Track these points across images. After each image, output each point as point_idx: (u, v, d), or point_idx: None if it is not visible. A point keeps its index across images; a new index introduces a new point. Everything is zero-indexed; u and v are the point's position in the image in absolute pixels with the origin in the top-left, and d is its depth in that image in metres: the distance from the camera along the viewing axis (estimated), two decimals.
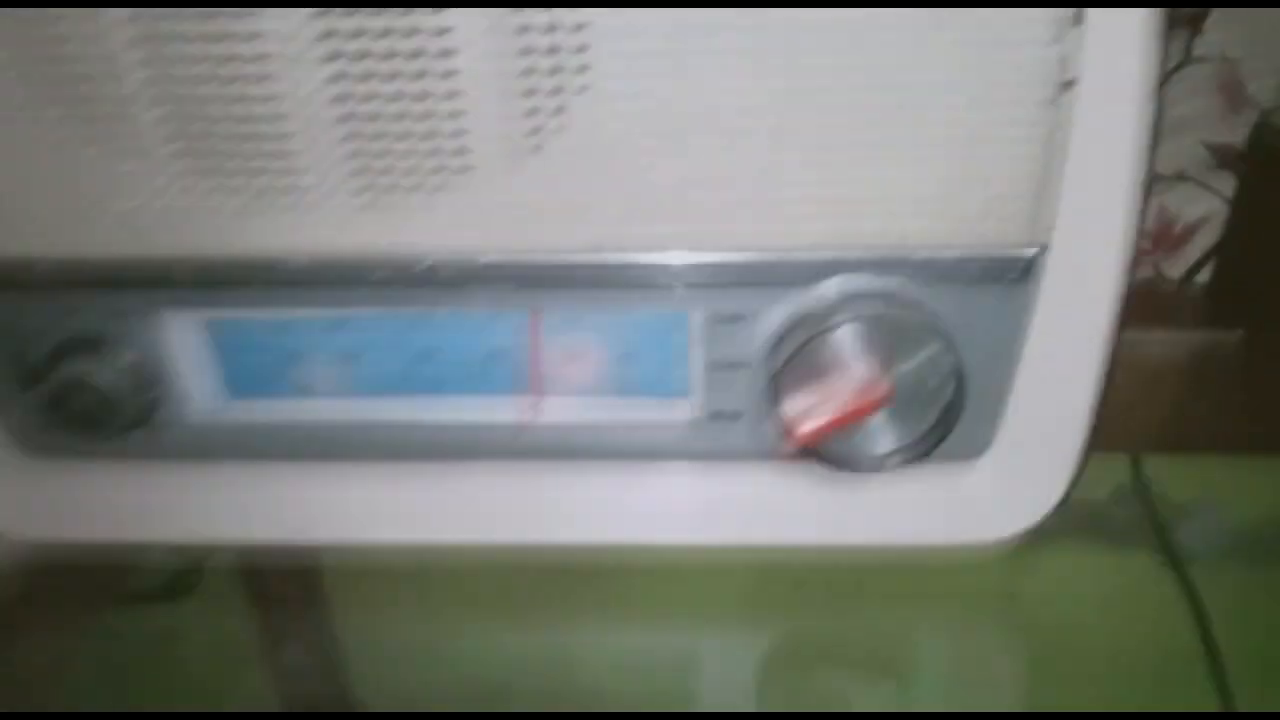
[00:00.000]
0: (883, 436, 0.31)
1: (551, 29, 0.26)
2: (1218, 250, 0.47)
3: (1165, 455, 0.40)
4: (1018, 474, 0.32)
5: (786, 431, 0.30)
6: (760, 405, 0.31)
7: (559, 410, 0.33)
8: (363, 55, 0.26)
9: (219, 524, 0.34)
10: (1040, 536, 0.34)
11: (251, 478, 0.34)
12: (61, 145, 0.28)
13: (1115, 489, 0.39)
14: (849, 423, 0.30)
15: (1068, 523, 0.34)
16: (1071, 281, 0.29)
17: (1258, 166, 0.43)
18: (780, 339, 0.30)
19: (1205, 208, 0.46)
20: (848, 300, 0.29)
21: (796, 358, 0.30)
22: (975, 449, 0.32)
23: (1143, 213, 0.29)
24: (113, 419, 0.31)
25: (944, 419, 0.30)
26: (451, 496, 0.34)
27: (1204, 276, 0.47)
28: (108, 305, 0.31)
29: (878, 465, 0.31)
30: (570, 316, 0.31)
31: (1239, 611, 0.34)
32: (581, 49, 0.26)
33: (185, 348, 0.32)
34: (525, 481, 0.33)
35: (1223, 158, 0.45)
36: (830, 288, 0.30)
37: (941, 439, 0.30)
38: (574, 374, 0.32)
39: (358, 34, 0.26)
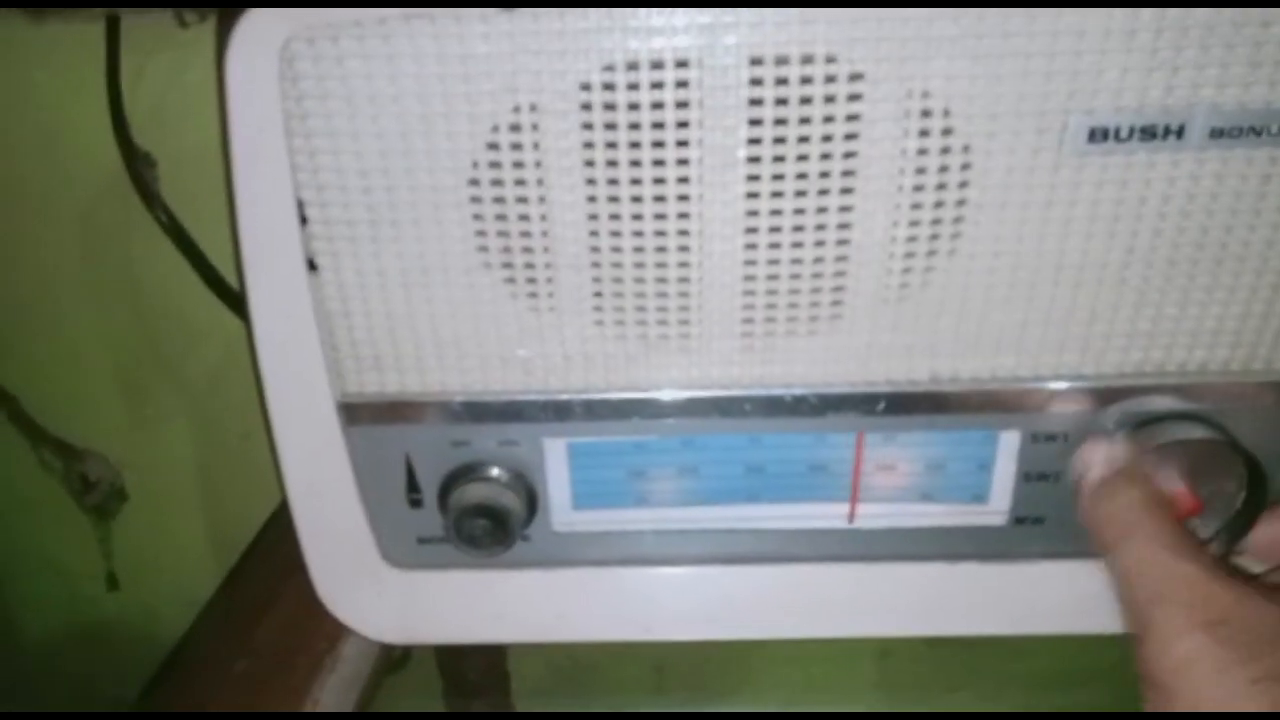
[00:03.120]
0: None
1: (939, 205, 0.31)
2: None
3: None
4: None
5: None
6: (1069, 512, 0.35)
7: (875, 516, 0.37)
8: (777, 229, 0.31)
9: (569, 624, 0.38)
10: None
11: (598, 581, 0.38)
12: (493, 302, 0.33)
13: None
14: None
15: None
16: None
17: None
18: None
19: None
20: (1154, 421, 0.34)
21: None
22: None
23: None
24: (503, 537, 0.35)
25: (1241, 520, 0.34)
26: (778, 595, 0.38)
27: None
28: (497, 435, 0.35)
29: None
30: (894, 435, 0.36)
31: None
32: (958, 220, 0.31)
33: (556, 468, 0.36)
34: (847, 580, 0.38)
35: None
36: (1136, 410, 0.34)
37: (1239, 537, 0.35)
38: (890, 484, 0.37)
39: (775, 213, 0.31)
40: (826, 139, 0.30)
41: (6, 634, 0.71)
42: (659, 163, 0.30)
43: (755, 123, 0.29)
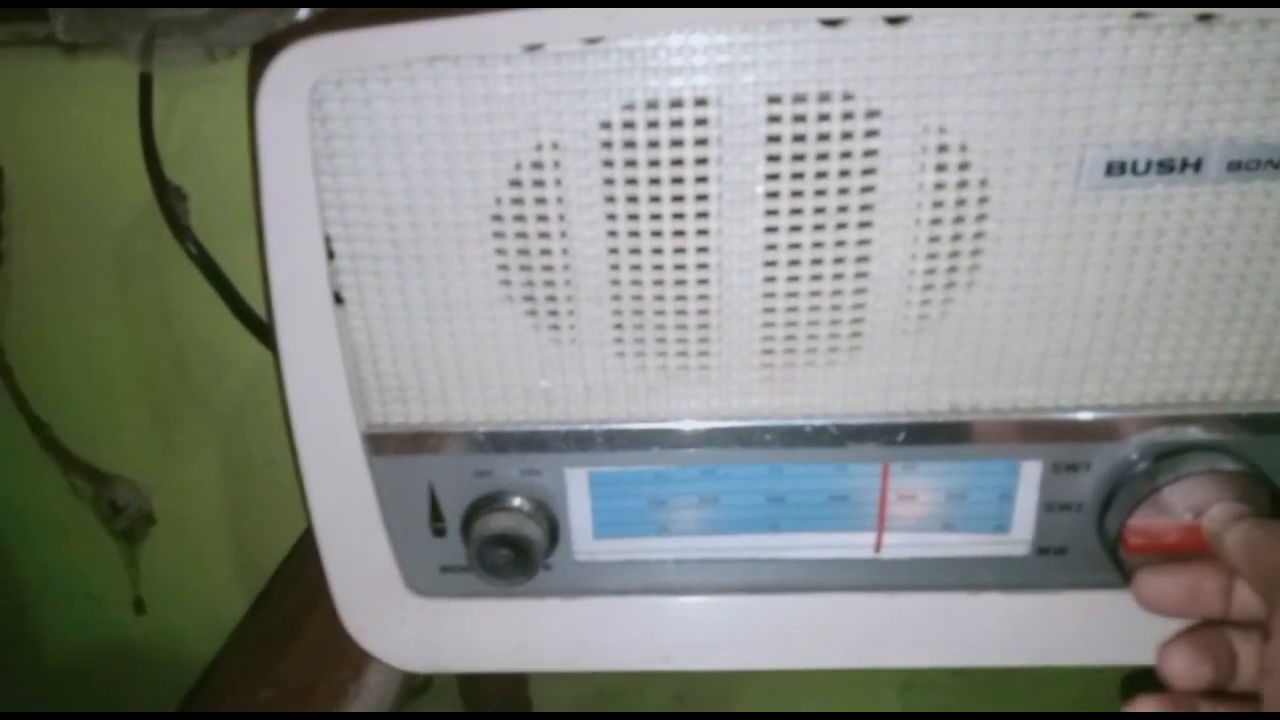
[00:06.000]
0: None
1: (956, 238, 0.31)
2: None
3: None
4: None
5: (1127, 569, 0.34)
6: (1092, 542, 0.35)
7: (900, 546, 0.37)
8: (795, 261, 0.31)
9: (590, 653, 0.38)
10: None
11: (620, 610, 0.38)
12: (515, 334, 0.33)
13: None
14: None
15: None
16: None
17: None
18: (1116, 486, 0.35)
19: None
20: (1177, 452, 0.34)
21: (1133, 503, 0.34)
22: None
23: None
24: (526, 567, 0.35)
25: None
26: (800, 625, 0.38)
27: None
28: (520, 465, 0.36)
29: None
30: (915, 465, 0.36)
31: None
32: (976, 253, 0.31)
33: (577, 497, 0.37)
34: (870, 610, 0.38)
35: None
36: (1160, 440, 0.34)
37: None
38: (914, 514, 0.37)
39: (794, 246, 0.31)
40: (844, 174, 0.30)
41: (34, 657, 0.72)
42: (678, 198, 0.30)
43: (773, 159, 0.30)
